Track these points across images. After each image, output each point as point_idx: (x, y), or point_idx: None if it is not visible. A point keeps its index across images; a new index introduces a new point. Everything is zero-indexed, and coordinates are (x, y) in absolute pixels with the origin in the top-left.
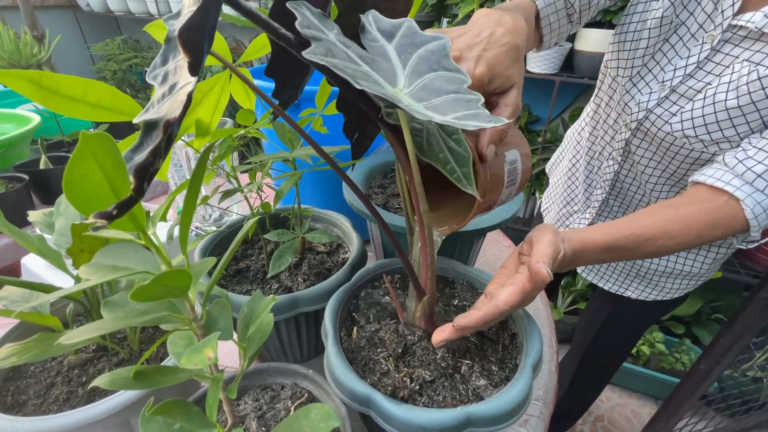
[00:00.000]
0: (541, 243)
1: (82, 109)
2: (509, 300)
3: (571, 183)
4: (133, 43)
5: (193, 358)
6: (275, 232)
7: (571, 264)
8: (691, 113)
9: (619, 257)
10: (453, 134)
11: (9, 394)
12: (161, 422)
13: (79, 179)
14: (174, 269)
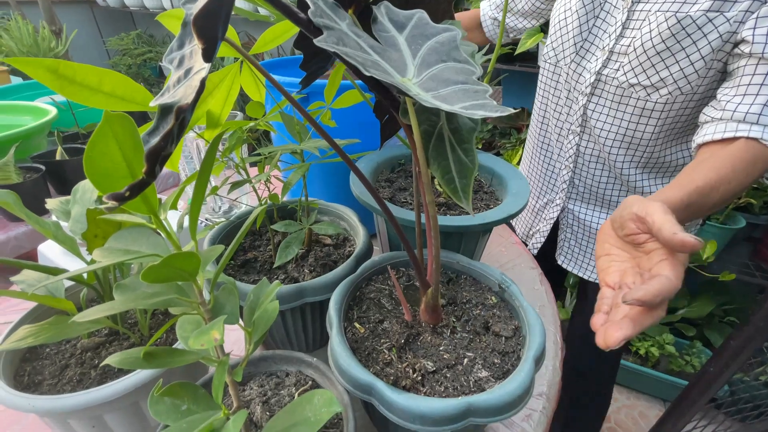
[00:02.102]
0: (656, 213)
1: (97, 98)
2: (679, 276)
3: (537, 177)
4: (147, 37)
5: (200, 339)
6: (282, 223)
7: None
8: (630, 64)
9: (693, 213)
10: (464, 143)
11: (26, 374)
12: (169, 403)
13: (98, 156)
14: (183, 251)
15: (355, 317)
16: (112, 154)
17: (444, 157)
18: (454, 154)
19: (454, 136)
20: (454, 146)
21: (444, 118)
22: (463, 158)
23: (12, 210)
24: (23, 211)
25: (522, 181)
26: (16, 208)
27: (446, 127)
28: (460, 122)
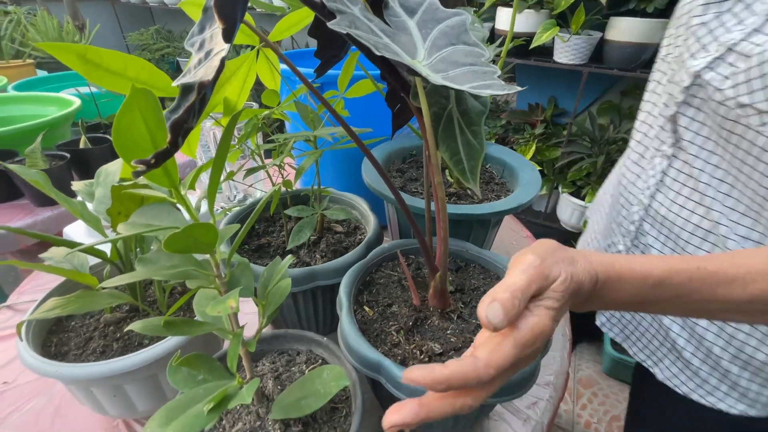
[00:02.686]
0: (514, 267)
1: (122, 83)
2: (498, 362)
3: (605, 211)
4: (165, 33)
5: (217, 306)
6: (295, 208)
7: (593, 300)
8: (745, 74)
9: (680, 304)
10: (472, 125)
11: (52, 345)
12: (186, 373)
13: (125, 129)
14: (203, 222)
15: (365, 300)
16: (138, 127)
17: (453, 139)
18: (463, 136)
19: (463, 119)
20: (463, 129)
21: (453, 101)
22: (471, 140)
23: (43, 189)
24: (53, 191)
25: (533, 172)
26: (47, 187)
27: (455, 110)
28: (469, 105)
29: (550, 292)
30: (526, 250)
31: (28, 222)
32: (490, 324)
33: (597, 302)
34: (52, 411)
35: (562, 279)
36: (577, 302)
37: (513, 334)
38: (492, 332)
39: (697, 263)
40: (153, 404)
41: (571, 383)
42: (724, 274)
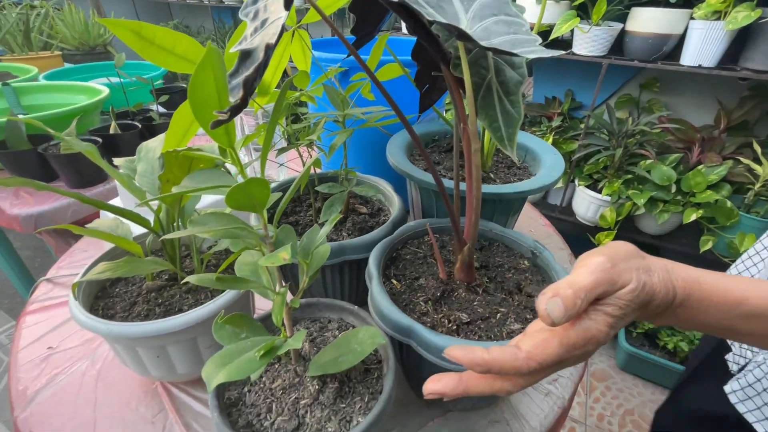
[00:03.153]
0: (582, 267)
1: (171, 60)
2: (540, 356)
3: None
4: (183, 28)
5: (271, 258)
6: (326, 185)
7: (667, 317)
8: None
9: (693, 323)
10: (510, 95)
11: (99, 309)
12: (230, 330)
13: (199, 84)
14: (257, 178)
15: (392, 274)
16: (208, 85)
17: (492, 107)
18: (501, 105)
19: (502, 89)
20: (502, 98)
21: (492, 72)
22: (509, 109)
23: (94, 159)
24: (102, 162)
25: (556, 156)
26: (97, 158)
27: (494, 80)
28: (508, 75)
29: (615, 299)
30: (597, 250)
31: (63, 203)
32: (548, 318)
33: (673, 320)
34: (94, 374)
35: (631, 288)
36: (646, 314)
37: (562, 334)
38: (546, 326)
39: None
40: (191, 367)
41: (585, 376)
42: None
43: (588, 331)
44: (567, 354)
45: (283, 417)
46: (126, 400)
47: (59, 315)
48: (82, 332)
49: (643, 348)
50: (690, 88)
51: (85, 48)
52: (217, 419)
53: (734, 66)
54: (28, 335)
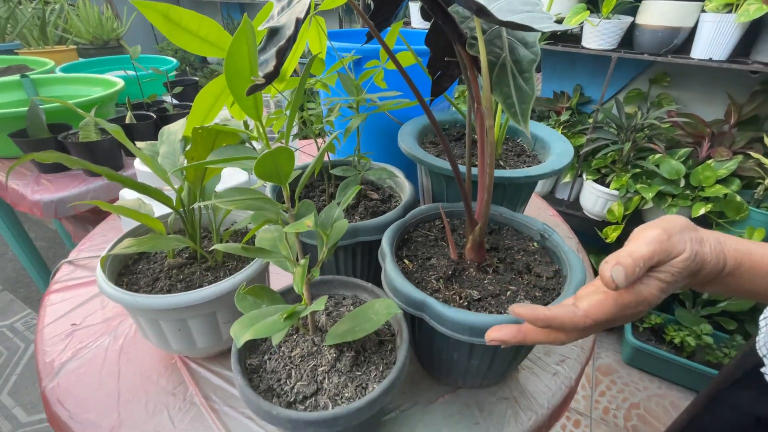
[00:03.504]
0: (637, 239)
1: (195, 43)
2: (598, 315)
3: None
4: None
5: (296, 226)
6: (340, 168)
7: (715, 284)
8: None
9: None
10: (524, 72)
11: (123, 285)
12: (251, 300)
13: (235, 54)
14: (284, 147)
15: (404, 255)
16: (242, 56)
17: (506, 84)
18: (515, 82)
19: (516, 67)
20: (516, 75)
21: (507, 50)
22: (523, 86)
23: (121, 138)
24: (128, 142)
25: (565, 144)
26: (123, 137)
27: (508, 59)
28: (521, 54)
29: (668, 266)
30: (652, 223)
31: (81, 190)
32: (612, 283)
33: (720, 287)
34: (117, 349)
35: (684, 257)
36: (696, 281)
37: (617, 296)
38: (608, 289)
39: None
40: (210, 341)
41: (590, 370)
42: None
43: (640, 294)
44: (620, 313)
45: (302, 382)
46: (147, 373)
47: (81, 294)
48: (103, 310)
49: (650, 343)
50: (700, 82)
51: (99, 42)
52: (240, 382)
53: (745, 59)
54: (52, 312)
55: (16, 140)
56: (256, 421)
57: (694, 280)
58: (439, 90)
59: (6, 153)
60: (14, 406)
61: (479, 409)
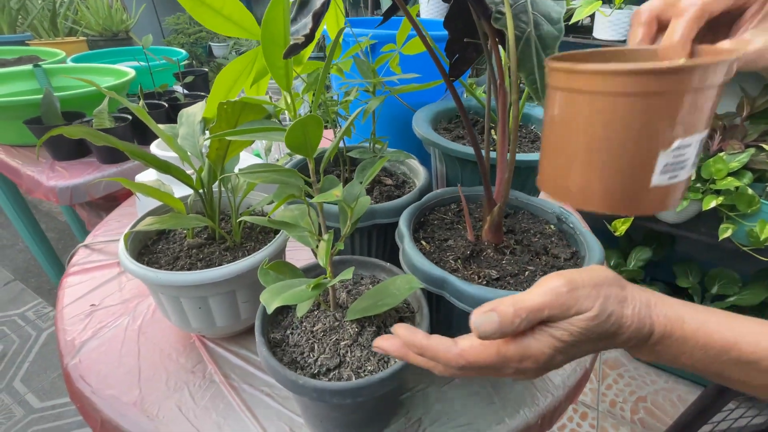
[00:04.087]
0: (540, 285)
1: (218, 20)
2: (463, 355)
3: None
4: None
5: (324, 196)
6: (357, 150)
7: (644, 353)
8: None
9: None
10: (547, 49)
11: (144, 263)
12: (274, 276)
13: (271, 20)
14: (314, 115)
15: (421, 237)
16: (278, 22)
17: (530, 60)
18: (539, 58)
19: (540, 42)
20: (539, 51)
21: (532, 26)
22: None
23: (144, 118)
24: (152, 123)
25: None
26: (146, 116)
27: (533, 34)
28: (545, 30)
29: (566, 324)
30: (565, 272)
31: (96, 176)
32: (476, 331)
33: (654, 356)
34: (136, 329)
35: (590, 316)
36: (617, 346)
37: (502, 344)
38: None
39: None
40: (229, 320)
41: (597, 363)
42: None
43: (528, 349)
44: (501, 364)
45: (325, 355)
46: (167, 352)
47: (98, 277)
48: (121, 292)
49: None
50: None
51: (108, 34)
52: (265, 353)
53: None
54: (71, 294)
55: (30, 127)
56: (275, 398)
57: (612, 343)
58: (457, 73)
59: (20, 140)
60: (27, 393)
61: (495, 390)
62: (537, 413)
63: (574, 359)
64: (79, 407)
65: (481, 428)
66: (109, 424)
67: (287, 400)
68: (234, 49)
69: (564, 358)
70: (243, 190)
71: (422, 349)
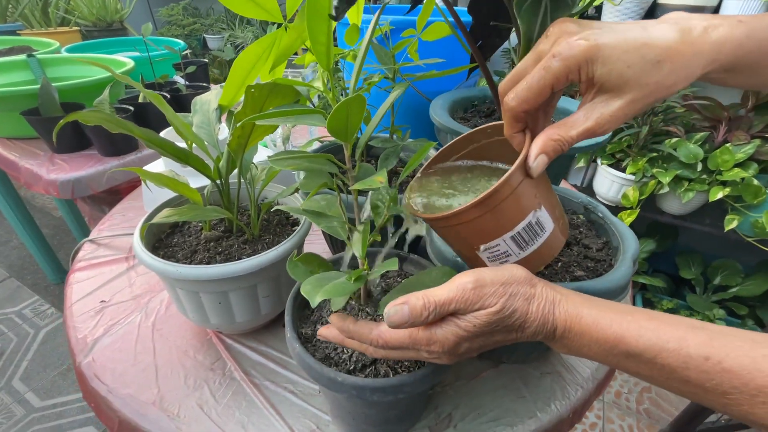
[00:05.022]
0: (452, 281)
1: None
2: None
3: None
4: (192, 9)
5: (367, 182)
6: (379, 139)
7: (554, 346)
8: None
9: (668, 384)
10: (558, 10)
11: (160, 257)
12: (303, 268)
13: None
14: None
15: None
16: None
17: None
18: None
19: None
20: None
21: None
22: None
23: (162, 106)
24: (167, 108)
25: None
26: (163, 103)
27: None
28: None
29: (471, 316)
30: (476, 270)
31: (98, 169)
32: (387, 320)
33: (565, 349)
34: (149, 325)
35: (492, 311)
36: (525, 337)
37: (414, 329)
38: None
39: (705, 350)
40: (249, 316)
41: None
42: (745, 379)
43: (434, 334)
44: (411, 345)
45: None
46: (183, 349)
47: (107, 272)
48: (131, 288)
49: None
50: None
51: (102, 24)
52: (299, 349)
53: None
54: (79, 290)
55: (29, 118)
56: (299, 395)
57: (521, 336)
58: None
59: (17, 133)
60: (27, 392)
61: (524, 384)
62: (569, 407)
63: (484, 349)
64: (93, 407)
65: (512, 422)
66: (127, 425)
67: (311, 396)
68: (229, 41)
69: (470, 346)
70: (262, 180)
71: (351, 333)
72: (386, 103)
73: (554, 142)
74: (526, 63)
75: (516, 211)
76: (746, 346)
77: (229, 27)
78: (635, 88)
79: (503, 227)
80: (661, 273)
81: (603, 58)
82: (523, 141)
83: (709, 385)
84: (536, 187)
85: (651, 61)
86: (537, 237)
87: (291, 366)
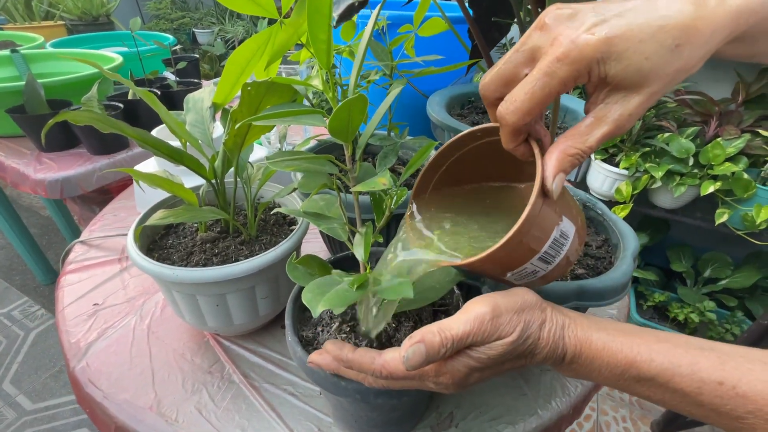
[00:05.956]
0: (464, 312)
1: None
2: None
3: None
4: (181, 3)
5: (370, 184)
6: (377, 137)
7: (563, 371)
8: None
9: (684, 408)
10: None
11: (155, 259)
12: (303, 270)
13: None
14: (359, 95)
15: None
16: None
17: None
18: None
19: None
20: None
21: None
22: None
23: (154, 105)
24: (160, 107)
25: None
26: (155, 102)
27: None
28: None
29: (485, 348)
30: (489, 296)
31: (88, 168)
32: (407, 364)
33: (573, 374)
34: (144, 328)
35: (509, 341)
36: (537, 364)
37: None
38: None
39: (719, 375)
40: (247, 318)
41: None
42: (759, 404)
43: (443, 365)
44: (419, 377)
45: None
46: (180, 352)
47: (99, 274)
48: (125, 290)
49: (654, 320)
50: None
51: (88, 18)
52: (300, 354)
53: None
54: (71, 293)
55: (14, 116)
56: (300, 397)
57: (530, 362)
58: (479, 54)
59: (1, 131)
60: (18, 395)
61: (525, 381)
62: (569, 403)
63: (493, 377)
64: (89, 413)
65: (513, 420)
66: (124, 431)
67: (312, 398)
68: (219, 36)
69: (481, 376)
70: (258, 180)
71: (349, 363)
72: (386, 102)
73: (571, 157)
74: (516, 60)
75: (541, 235)
76: (757, 369)
77: (219, 21)
78: (655, 80)
79: (531, 253)
80: (653, 266)
81: (617, 54)
82: (527, 151)
83: (723, 410)
84: (556, 202)
85: (669, 47)
86: (562, 248)
87: (290, 367)
